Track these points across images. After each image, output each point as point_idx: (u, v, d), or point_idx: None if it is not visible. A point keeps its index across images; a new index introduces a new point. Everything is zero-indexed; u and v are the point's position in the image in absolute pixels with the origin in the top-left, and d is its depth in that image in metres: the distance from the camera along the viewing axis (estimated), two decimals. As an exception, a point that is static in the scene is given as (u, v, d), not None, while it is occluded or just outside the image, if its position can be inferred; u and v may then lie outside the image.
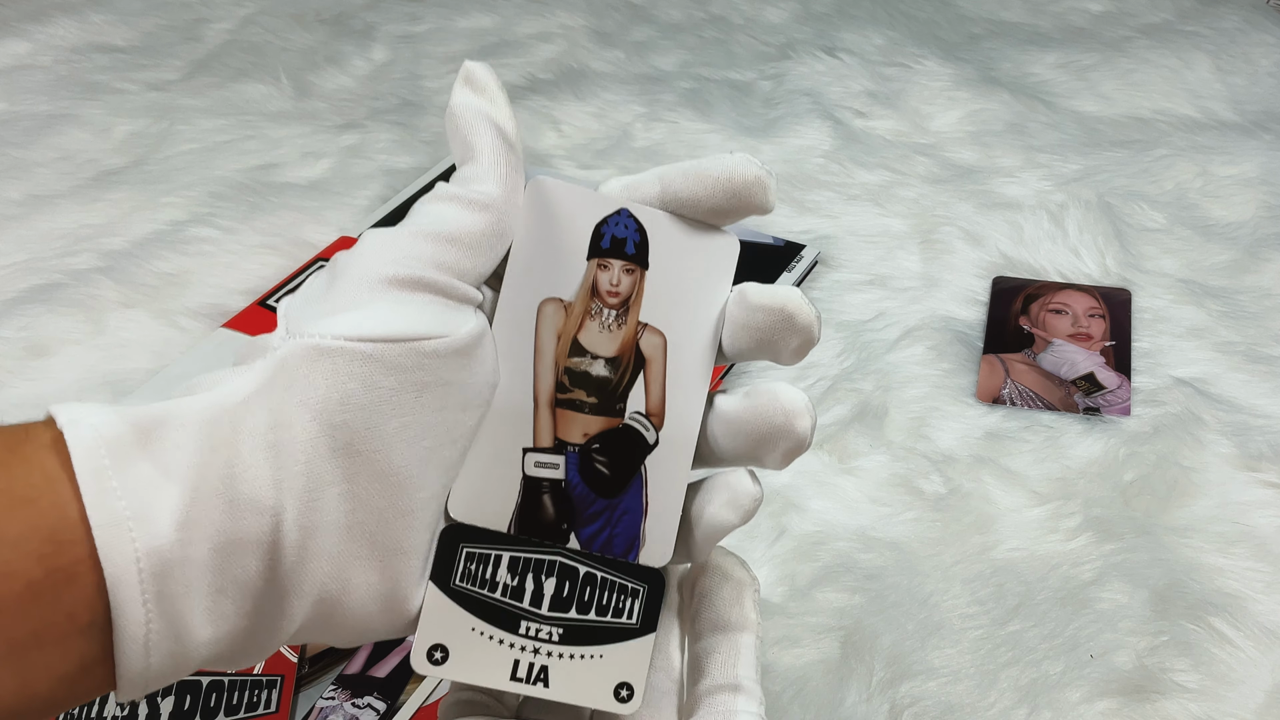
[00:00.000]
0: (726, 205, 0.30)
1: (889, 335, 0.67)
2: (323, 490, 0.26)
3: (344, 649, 0.49)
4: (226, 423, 0.26)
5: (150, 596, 0.24)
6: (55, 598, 0.23)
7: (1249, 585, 0.52)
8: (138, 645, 0.24)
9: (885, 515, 0.56)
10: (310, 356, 0.26)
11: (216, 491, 0.25)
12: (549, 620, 0.30)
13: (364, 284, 0.27)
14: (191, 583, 0.25)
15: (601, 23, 1.03)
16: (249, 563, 0.26)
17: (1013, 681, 0.49)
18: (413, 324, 0.27)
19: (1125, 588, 0.52)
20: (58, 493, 0.24)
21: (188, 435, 0.25)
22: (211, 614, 0.25)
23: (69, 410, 0.25)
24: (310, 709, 0.47)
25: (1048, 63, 0.95)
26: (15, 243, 0.76)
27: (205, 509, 0.25)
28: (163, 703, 0.47)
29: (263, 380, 0.26)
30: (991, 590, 0.52)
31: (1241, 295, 0.70)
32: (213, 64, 0.97)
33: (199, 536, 0.25)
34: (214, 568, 0.25)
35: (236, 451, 0.25)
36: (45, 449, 0.24)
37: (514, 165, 0.30)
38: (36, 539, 0.23)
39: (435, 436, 0.28)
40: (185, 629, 0.25)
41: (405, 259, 0.28)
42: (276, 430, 0.26)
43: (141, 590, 0.24)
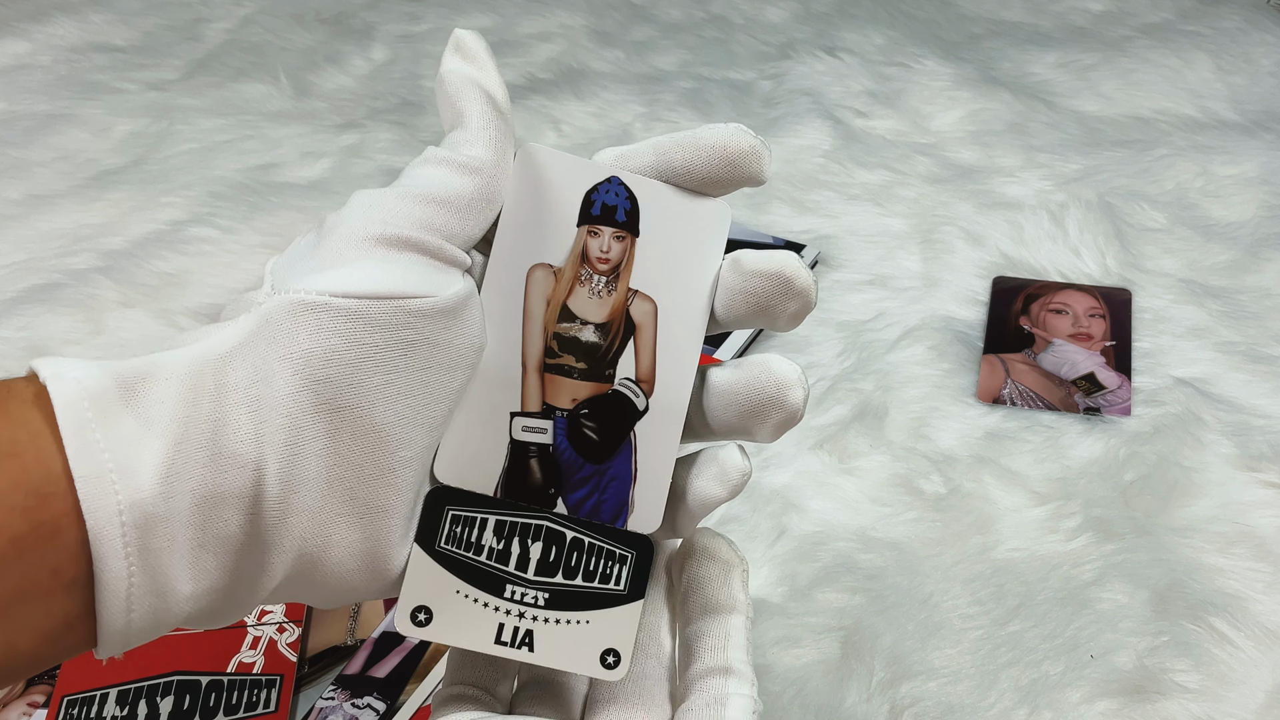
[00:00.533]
0: (721, 174, 0.30)
1: (889, 335, 0.67)
2: (304, 445, 0.26)
3: (344, 650, 0.49)
4: (210, 376, 0.26)
5: (133, 550, 0.24)
6: (39, 553, 0.23)
7: (1249, 585, 0.52)
8: (119, 600, 0.24)
9: (885, 515, 0.56)
10: (294, 312, 0.26)
11: (199, 445, 0.25)
12: (535, 585, 0.30)
13: (351, 242, 0.27)
14: (174, 536, 0.25)
15: (601, 22, 1.03)
16: (231, 517, 0.25)
17: (1013, 682, 0.48)
18: (399, 283, 0.27)
19: (1125, 588, 0.52)
20: (41, 447, 0.24)
21: (171, 389, 0.25)
22: (193, 569, 0.25)
23: (52, 364, 0.25)
24: (310, 709, 0.47)
25: (1048, 62, 0.95)
26: (15, 243, 0.76)
27: (188, 462, 0.25)
28: (162, 703, 0.47)
29: (246, 334, 0.26)
30: (992, 590, 0.52)
31: (1242, 295, 0.70)
32: (212, 64, 0.97)
33: (181, 489, 0.24)
34: (196, 522, 0.25)
35: (219, 405, 0.25)
36: (28, 404, 0.24)
37: (503, 131, 0.30)
38: (20, 493, 0.23)
39: (419, 396, 0.28)
40: (167, 583, 0.25)
41: (393, 219, 0.27)
42: (259, 384, 0.26)
43: (124, 543, 0.24)
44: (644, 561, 0.31)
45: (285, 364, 0.26)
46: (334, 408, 0.27)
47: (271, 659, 0.49)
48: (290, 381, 0.26)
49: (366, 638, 0.50)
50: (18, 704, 0.47)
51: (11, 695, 0.48)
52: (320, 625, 0.51)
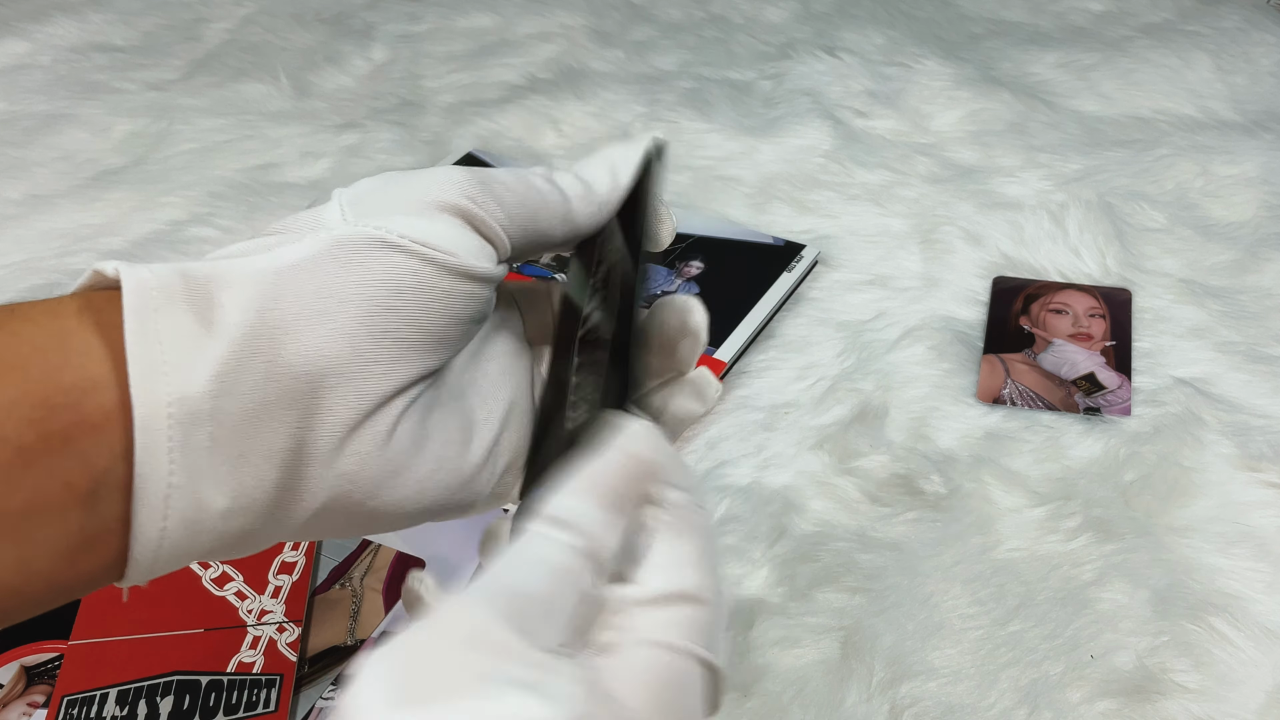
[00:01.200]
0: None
1: (889, 335, 0.67)
2: (368, 367, 0.27)
3: (344, 650, 0.49)
4: (275, 285, 0.26)
5: (176, 445, 0.24)
6: (50, 465, 0.23)
7: (1249, 585, 0.52)
8: (158, 500, 0.24)
9: (885, 515, 0.56)
10: (370, 243, 0.27)
11: (257, 351, 0.25)
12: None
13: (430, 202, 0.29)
14: (219, 440, 0.25)
15: (601, 22, 1.03)
16: (279, 427, 0.26)
17: (1013, 682, 0.48)
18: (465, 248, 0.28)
19: (1126, 588, 0.52)
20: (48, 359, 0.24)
21: (237, 294, 0.25)
22: (231, 482, 0.25)
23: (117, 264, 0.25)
24: (310, 709, 0.47)
25: (1048, 62, 0.95)
26: (14, 243, 0.76)
27: (243, 365, 0.25)
28: (162, 702, 0.47)
29: (319, 251, 0.27)
30: (992, 590, 0.52)
31: (1242, 295, 0.70)
32: (212, 64, 0.97)
33: (233, 392, 0.25)
34: (242, 431, 0.25)
35: (283, 314, 0.26)
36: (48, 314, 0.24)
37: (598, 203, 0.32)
38: (27, 404, 0.23)
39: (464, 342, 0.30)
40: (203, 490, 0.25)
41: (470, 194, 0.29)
42: (329, 301, 0.26)
43: (169, 437, 0.24)
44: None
45: (358, 287, 0.27)
46: (399, 338, 0.27)
47: (271, 659, 0.49)
48: (361, 305, 0.27)
49: (366, 638, 0.50)
50: (18, 704, 0.47)
51: (12, 695, 0.48)
52: (320, 625, 0.51)
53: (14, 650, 0.49)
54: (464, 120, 0.89)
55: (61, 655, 0.49)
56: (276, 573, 0.52)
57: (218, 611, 0.51)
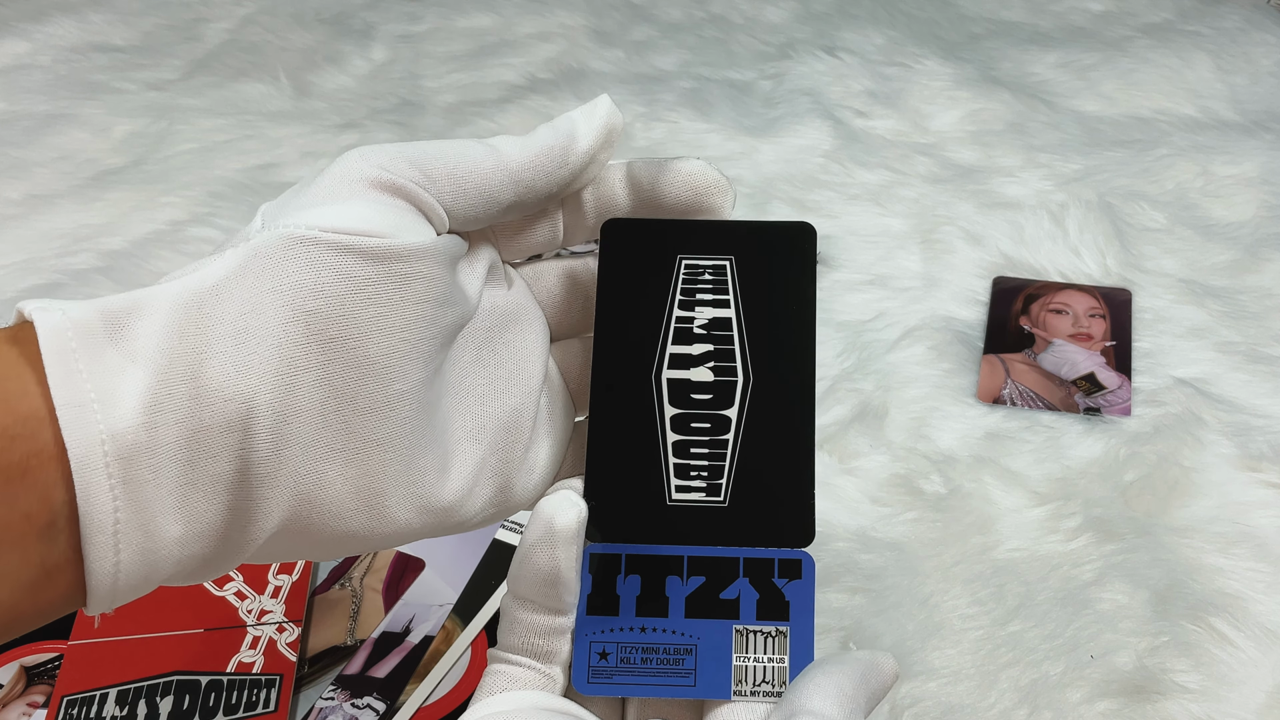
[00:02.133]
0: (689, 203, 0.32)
1: (889, 335, 0.67)
2: (297, 376, 0.26)
3: (344, 650, 0.49)
4: (196, 309, 0.25)
5: (117, 482, 0.23)
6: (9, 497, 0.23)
7: (1249, 586, 0.52)
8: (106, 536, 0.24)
9: (885, 515, 0.56)
10: (284, 245, 0.26)
11: (183, 376, 0.24)
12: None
13: (343, 181, 0.27)
14: (160, 470, 0.24)
15: (601, 22, 1.03)
16: (220, 453, 0.25)
17: (1013, 682, 0.48)
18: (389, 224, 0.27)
19: (1126, 588, 0.52)
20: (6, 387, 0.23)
21: (156, 322, 0.25)
22: (182, 508, 0.25)
23: (38, 302, 0.25)
24: (310, 709, 0.47)
25: (1048, 62, 0.95)
26: (14, 243, 0.76)
27: (171, 394, 0.24)
28: (161, 702, 0.47)
29: (235, 267, 0.26)
30: (992, 591, 0.52)
31: (1242, 295, 0.70)
32: (212, 64, 0.97)
33: (166, 421, 0.24)
34: (183, 458, 0.25)
35: (205, 338, 0.25)
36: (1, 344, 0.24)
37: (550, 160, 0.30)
38: None
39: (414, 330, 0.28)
40: (154, 521, 0.24)
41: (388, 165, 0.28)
42: (247, 316, 0.25)
43: (108, 474, 0.23)
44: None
45: (275, 296, 0.26)
46: (325, 339, 0.26)
47: (271, 659, 0.49)
48: (280, 313, 0.26)
49: (366, 638, 0.50)
50: (18, 704, 0.47)
51: (12, 695, 0.48)
52: (320, 625, 0.51)
53: (14, 650, 0.49)
54: (464, 120, 0.89)
55: (61, 655, 0.49)
56: (276, 573, 0.52)
57: (217, 611, 0.51)
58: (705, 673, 0.29)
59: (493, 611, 0.50)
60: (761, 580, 0.30)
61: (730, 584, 0.30)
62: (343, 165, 0.28)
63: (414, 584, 0.52)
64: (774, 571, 0.30)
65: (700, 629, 0.30)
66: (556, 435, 0.32)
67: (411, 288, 0.27)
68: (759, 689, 0.29)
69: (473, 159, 0.29)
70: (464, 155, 0.29)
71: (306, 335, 0.26)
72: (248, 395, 0.25)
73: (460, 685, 0.48)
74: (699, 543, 0.30)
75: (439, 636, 0.49)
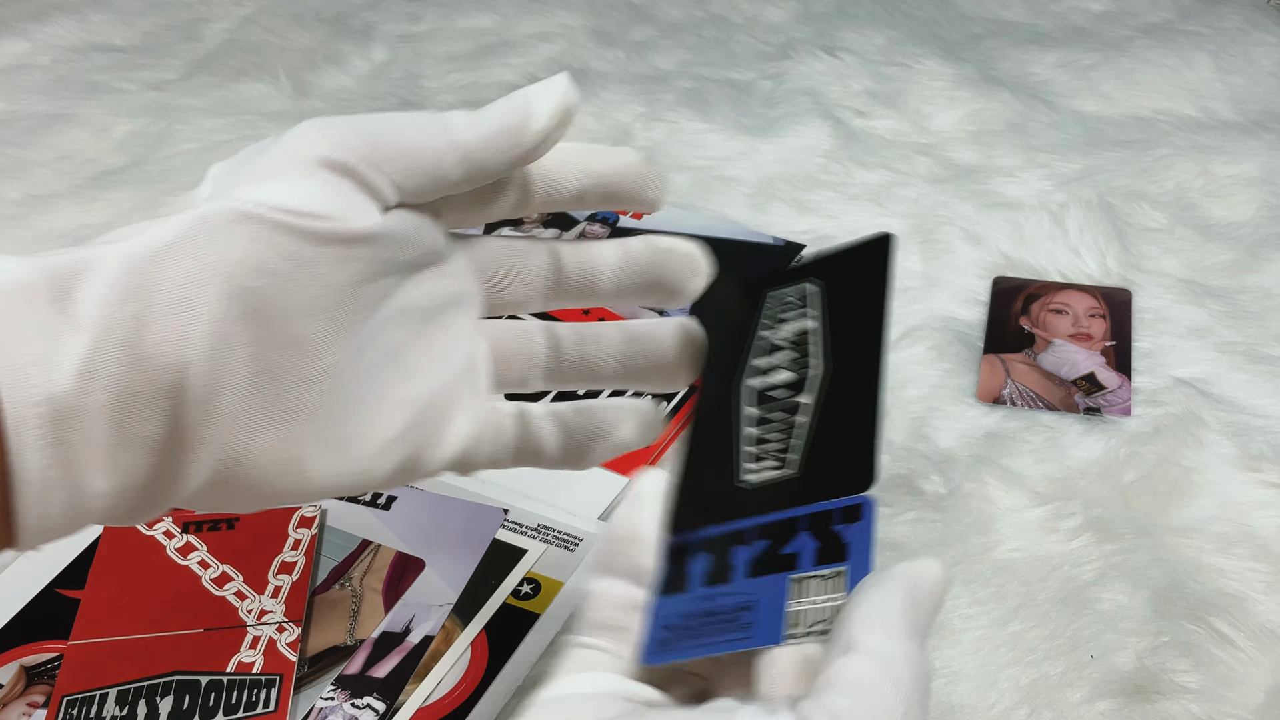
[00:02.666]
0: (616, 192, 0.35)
1: (889, 335, 0.67)
2: (230, 351, 0.27)
3: (344, 650, 0.49)
4: (139, 274, 0.26)
5: (48, 442, 0.24)
6: None
7: (1250, 586, 0.52)
8: (34, 491, 0.24)
9: (885, 515, 0.56)
10: (230, 219, 0.27)
11: (121, 343, 0.25)
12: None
13: (294, 158, 0.28)
14: (89, 432, 0.25)
15: (601, 23, 1.03)
16: (150, 416, 0.26)
17: (1013, 682, 0.48)
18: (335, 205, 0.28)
19: (1126, 588, 0.52)
20: None
21: (99, 286, 0.25)
22: (110, 466, 0.26)
23: None
24: (310, 709, 0.47)
25: (1048, 62, 0.95)
26: (14, 243, 0.76)
27: (107, 360, 0.25)
28: (161, 702, 0.47)
29: (180, 234, 0.27)
30: (991, 590, 0.52)
31: (1242, 295, 0.70)
32: (212, 64, 0.97)
33: (99, 386, 0.25)
34: (114, 420, 0.25)
35: (146, 304, 0.26)
36: None
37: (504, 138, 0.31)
38: None
39: (346, 308, 0.28)
40: (82, 478, 0.25)
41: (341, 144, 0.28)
42: (188, 288, 0.26)
43: (40, 434, 0.24)
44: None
45: (216, 270, 0.26)
46: (261, 317, 0.27)
47: (271, 659, 0.49)
48: (220, 288, 0.26)
49: (366, 638, 0.50)
50: (17, 704, 0.47)
51: (11, 695, 0.48)
52: (320, 625, 0.51)
53: (13, 650, 0.49)
54: (464, 120, 0.89)
55: (61, 655, 0.49)
56: (276, 573, 0.52)
57: (217, 611, 0.51)
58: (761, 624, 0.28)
59: (493, 611, 0.50)
60: (822, 530, 0.30)
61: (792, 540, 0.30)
62: (296, 140, 0.28)
63: (414, 584, 0.52)
64: (834, 519, 0.30)
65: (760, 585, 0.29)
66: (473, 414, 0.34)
67: (349, 269, 0.28)
68: (813, 630, 0.27)
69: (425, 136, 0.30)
70: (417, 131, 0.29)
71: (243, 312, 0.27)
72: (181, 365, 0.26)
73: (460, 685, 0.48)
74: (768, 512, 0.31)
75: (439, 637, 0.49)
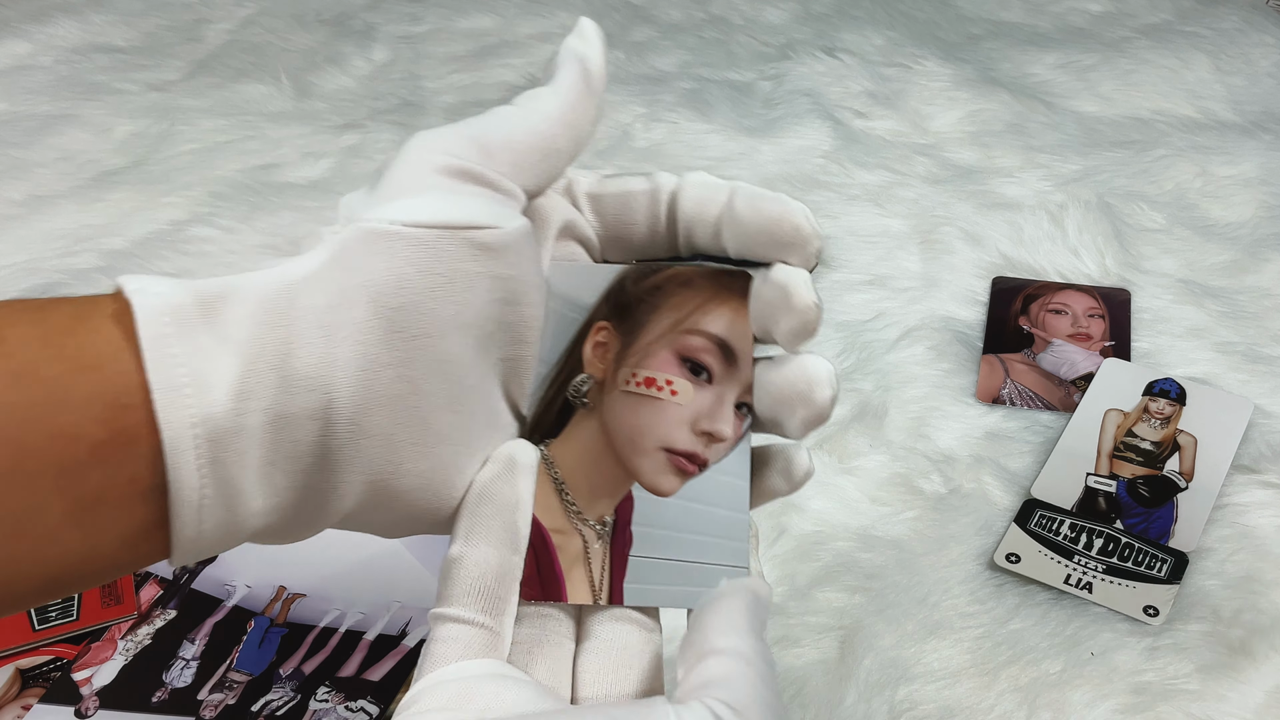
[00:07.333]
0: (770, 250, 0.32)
1: (889, 335, 0.67)
2: (378, 372, 0.27)
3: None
4: (285, 299, 0.26)
5: (205, 462, 0.25)
6: (118, 460, 0.24)
7: (1250, 585, 0.52)
8: (191, 510, 0.25)
9: (885, 515, 0.56)
10: (367, 240, 0.27)
11: (271, 365, 0.26)
12: (1094, 559, 0.52)
13: (416, 172, 0.28)
14: (244, 451, 0.25)
15: (601, 23, 1.02)
16: (301, 436, 0.26)
17: (1013, 681, 0.49)
18: (466, 213, 0.28)
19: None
20: (120, 360, 0.24)
21: (247, 309, 0.26)
22: (264, 484, 0.26)
23: (136, 280, 0.26)
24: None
25: (1047, 63, 0.95)
26: (16, 243, 0.76)
27: (259, 381, 0.25)
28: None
29: (321, 262, 0.27)
30: (991, 590, 0.52)
31: (1241, 295, 0.70)
32: (213, 64, 0.97)
33: (253, 407, 0.25)
34: (267, 440, 0.26)
35: (293, 328, 0.26)
36: (109, 319, 0.25)
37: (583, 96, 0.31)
38: (100, 404, 0.24)
39: (488, 326, 0.29)
40: (237, 496, 0.26)
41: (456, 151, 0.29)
42: (333, 310, 0.26)
43: (196, 455, 0.25)
44: (1180, 563, 0.52)
45: (360, 292, 0.27)
46: (406, 337, 0.27)
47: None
48: (364, 309, 0.27)
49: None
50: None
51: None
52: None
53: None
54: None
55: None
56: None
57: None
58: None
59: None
60: None
61: None
62: (413, 156, 0.29)
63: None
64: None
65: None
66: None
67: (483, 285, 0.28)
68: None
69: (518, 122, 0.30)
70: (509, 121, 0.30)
71: (389, 332, 0.27)
72: (330, 386, 0.26)
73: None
74: None
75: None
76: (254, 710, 0.47)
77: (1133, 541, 0.53)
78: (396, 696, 0.47)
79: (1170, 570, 0.52)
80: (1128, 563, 0.52)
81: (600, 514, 0.32)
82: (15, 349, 0.24)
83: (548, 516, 0.31)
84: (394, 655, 0.49)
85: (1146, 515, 0.54)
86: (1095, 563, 0.52)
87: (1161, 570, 0.52)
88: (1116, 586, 0.51)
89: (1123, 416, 0.59)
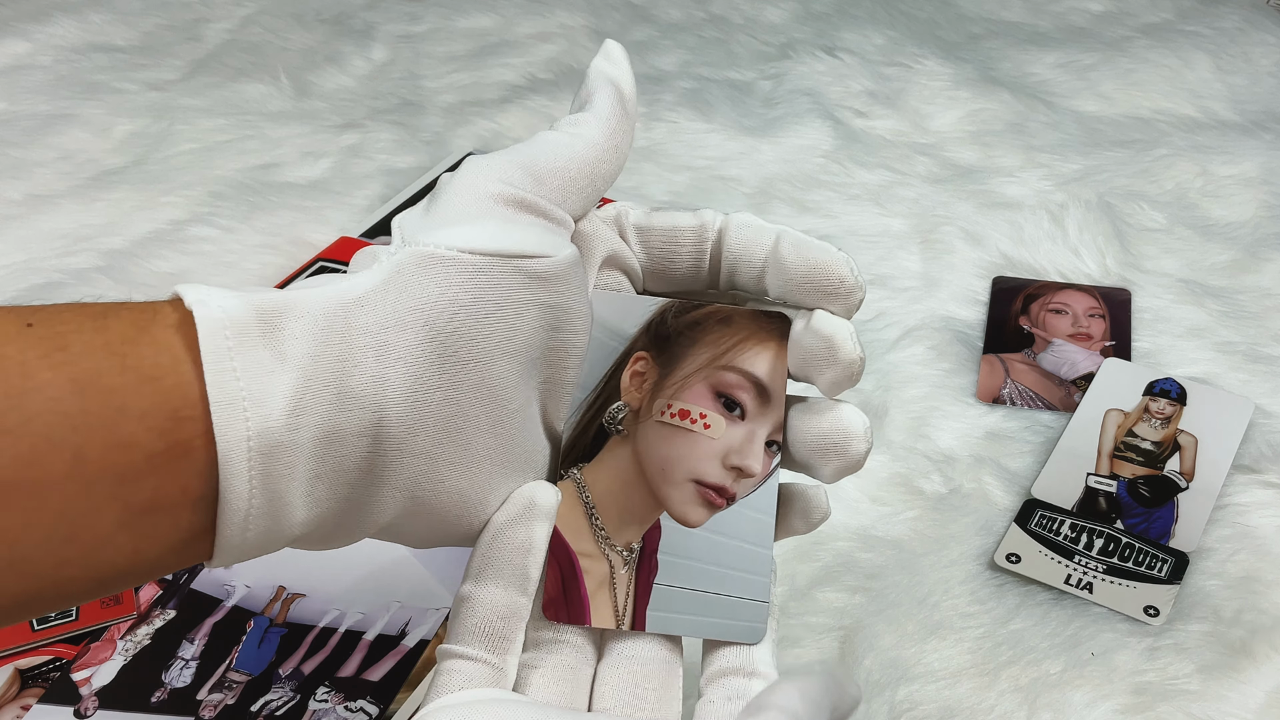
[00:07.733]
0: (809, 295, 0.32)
1: (889, 335, 0.67)
2: (427, 394, 0.27)
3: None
4: (342, 319, 0.27)
5: (256, 475, 0.25)
6: (173, 471, 0.25)
7: (1250, 585, 0.52)
8: (238, 519, 0.26)
9: (885, 515, 0.56)
10: (423, 264, 0.27)
11: (326, 382, 0.26)
12: (1094, 559, 0.52)
13: (473, 199, 0.29)
14: (294, 465, 0.26)
15: (601, 23, 1.03)
16: (349, 452, 0.27)
17: (1013, 681, 0.48)
18: (519, 241, 0.28)
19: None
20: (180, 372, 0.25)
21: (305, 326, 0.26)
22: (308, 496, 0.27)
23: (196, 290, 0.26)
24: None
25: (1048, 62, 0.95)
26: (15, 243, 0.76)
27: (315, 399, 0.26)
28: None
29: (378, 283, 0.27)
30: (991, 590, 0.52)
31: (1241, 295, 0.70)
32: (213, 64, 0.97)
33: (307, 423, 0.26)
34: (316, 455, 0.26)
35: (349, 347, 0.27)
36: (171, 329, 0.25)
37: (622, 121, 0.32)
38: (159, 415, 0.25)
39: (534, 352, 0.29)
40: (283, 509, 0.26)
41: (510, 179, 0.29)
42: (388, 331, 0.27)
43: (249, 468, 0.25)
44: (1181, 563, 0.52)
45: (414, 314, 0.27)
46: (457, 361, 0.28)
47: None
48: (418, 332, 0.27)
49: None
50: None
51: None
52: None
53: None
54: (464, 120, 0.89)
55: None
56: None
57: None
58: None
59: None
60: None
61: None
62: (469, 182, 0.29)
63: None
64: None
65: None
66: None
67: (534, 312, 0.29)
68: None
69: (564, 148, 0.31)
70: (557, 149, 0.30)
71: (440, 355, 0.28)
72: (381, 406, 0.27)
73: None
74: None
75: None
76: (253, 710, 0.47)
77: (1133, 541, 0.53)
78: (396, 696, 0.47)
79: (1171, 570, 0.52)
80: (1128, 563, 0.52)
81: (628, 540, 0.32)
82: (78, 356, 0.24)
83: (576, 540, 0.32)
84: (394, 655, 0.49)
85: (1147, 515, 0.54)
86: (1096, 563, 0.52)
87: (1162, 570, 0.52)
88: (1117, 586, 0.51)
89: (1123, 416, 0.59)
